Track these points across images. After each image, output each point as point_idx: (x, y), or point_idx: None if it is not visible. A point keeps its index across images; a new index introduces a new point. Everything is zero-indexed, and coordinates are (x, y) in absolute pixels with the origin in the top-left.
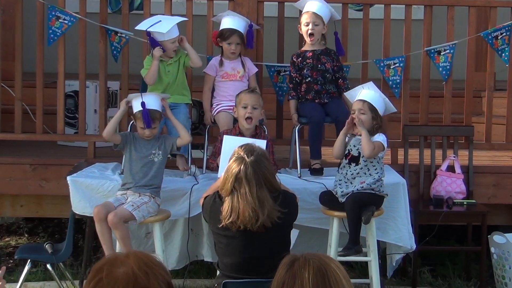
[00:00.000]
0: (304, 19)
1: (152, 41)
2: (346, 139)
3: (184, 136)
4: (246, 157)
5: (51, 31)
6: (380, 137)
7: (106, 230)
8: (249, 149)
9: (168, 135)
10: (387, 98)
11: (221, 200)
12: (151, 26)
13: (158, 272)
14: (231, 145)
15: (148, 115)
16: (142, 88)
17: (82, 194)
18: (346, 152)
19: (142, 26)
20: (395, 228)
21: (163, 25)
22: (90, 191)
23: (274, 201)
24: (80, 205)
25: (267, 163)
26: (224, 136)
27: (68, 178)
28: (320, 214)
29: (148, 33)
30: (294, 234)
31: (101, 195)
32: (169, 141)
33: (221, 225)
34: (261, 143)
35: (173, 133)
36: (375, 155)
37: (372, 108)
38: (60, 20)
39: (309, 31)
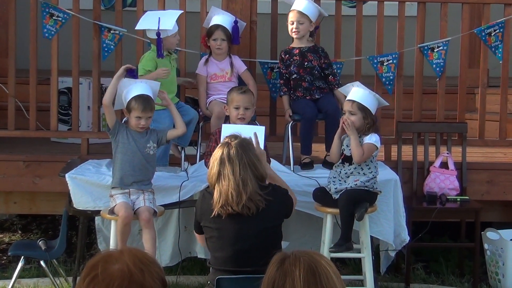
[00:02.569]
0: (290, 17)
1: (159, 46)
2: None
3: (180, 126)
4: (230, 141)
5: (45, 29)
6: (372, 138)
7: (129, 231)
8: (234, 136)
9: (156, 128)
10: (377, 94)
11: (210, 194)
12: (158, 26)
13: (153, 268)
14: (230, 133)
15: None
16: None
17: (83, 189)
18: None
19: (144, 26)
20: (377, 222)
21: (165, 22)
22: (91, 185)
23: (260, 188)
24: (82, 201)
25: (252, 148)
26: (223, 125)
27: (67, 175)
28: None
29: (158, 34)
30: (283, 245)
31: (103, 189)
32: (160, 133)
33: (212, 215)
34: (260, 129)
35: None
36: (365, 159)
37: (362, 108)
38: (54, 18)
39: (293, 29)
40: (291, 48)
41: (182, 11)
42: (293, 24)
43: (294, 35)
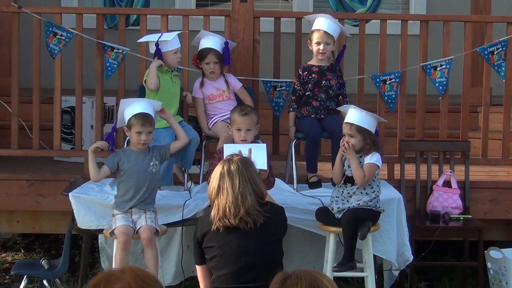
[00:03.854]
0: (315, 37)
1: (158, 52)
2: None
3: (182, 137)
4: (231, 158)
5: (49, 48)
6: (373, 158)
7: (127, 255)
8: (235, 154)
9: (158, 144)
10: (374, 113)
11: (207, 216)
12: (157, 38)
13: (154, 287)
14: (232, 152)
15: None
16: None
17: (87, 208)
18: None
19: (146, 39)
20: (380, 241)
21: (166, 35)
22: (94, 204)
23: (259, 205)
24: (85, 219)
25: (253, 166)
26: (224, 144)
27: (70, 194)
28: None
29: (157, 44)
30: None
31: (106, 208)
32: (162, 149)
33: (212, 230)
34: (261, 147)
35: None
36: (368, 180)
37: (360, 130)
38: (57, 37)
39: (321, 50)
40: (310, 65)
41: (187, 31)
42: (319, 44)
43: (320, 57)
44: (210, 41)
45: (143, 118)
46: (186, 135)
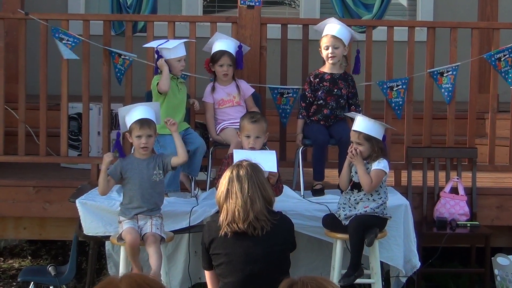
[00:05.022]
0: (324, 42)
1: (158, 59)
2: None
3: (181, 155)
4: (240, 163)
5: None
6: (380, 165)
7: (137, 255)
8: (245, 160)
9: (162, 153)
10: (382, 122)
11: (215, 222)
12: (160, 44)
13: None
14: (241, 158)
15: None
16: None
17: (94, 215)
18: None
19: (150, 44)
20: (387, 247)
21: (170, 42)
22: (101, 211)
23: (268, 211)
24: (92, 226)
25: (262, 173)
26: (234, 150)
27: (77, 201)
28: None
29: (157, 52)
30: None
31: (113, 214)
32: (165, 159)
33: (219, 235)
34: (271, 154)
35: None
36: (375, 187)
37: (368, 138)
38: (63, 42)
39: (329, 55)
40: (322, 72)
41: (194, 40)
42: (328, 49)
43: (330, 61)
44: (224, 44)
45: (141, 121)
46: (185, 154)
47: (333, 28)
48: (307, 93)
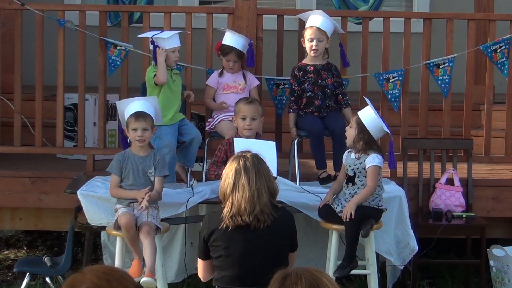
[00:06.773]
0: (308, 34)
1: (155, 49)
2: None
3: (157, 188)
4: (244, 154)
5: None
6: (375, 160)
7: (135, 235)
8: (247, 150)
9: (162, 158)
10: (383, 124)
11: (216, 213)
12: (155, 34)
13: (120, 276)
14: (242, 147)
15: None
16: (142, 95)
17: (96, 206)
18: None
19: (145, 34)
20: (377, 235)
21: (165, 33)
22: (103, 201)
23: (271, 204)
24: (96, 217)
25: (266, 164)
26: (235, 138)
27: (78, 192)
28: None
29: (153, 41)
30: None
31: (113, 204)
32: (158, 164)
33: (220, 227)
34: (271, 145)
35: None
36: (375, 186)
37: (362, 127)
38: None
39: (313, 47)
40: (305, 64)
41: (189, 32)
42: (312, 41)
43: (313, 54)
44: (233, 39)
45: (137, 114)
46: (161, 191)
47: (318, 20)
48: (294, 87)
